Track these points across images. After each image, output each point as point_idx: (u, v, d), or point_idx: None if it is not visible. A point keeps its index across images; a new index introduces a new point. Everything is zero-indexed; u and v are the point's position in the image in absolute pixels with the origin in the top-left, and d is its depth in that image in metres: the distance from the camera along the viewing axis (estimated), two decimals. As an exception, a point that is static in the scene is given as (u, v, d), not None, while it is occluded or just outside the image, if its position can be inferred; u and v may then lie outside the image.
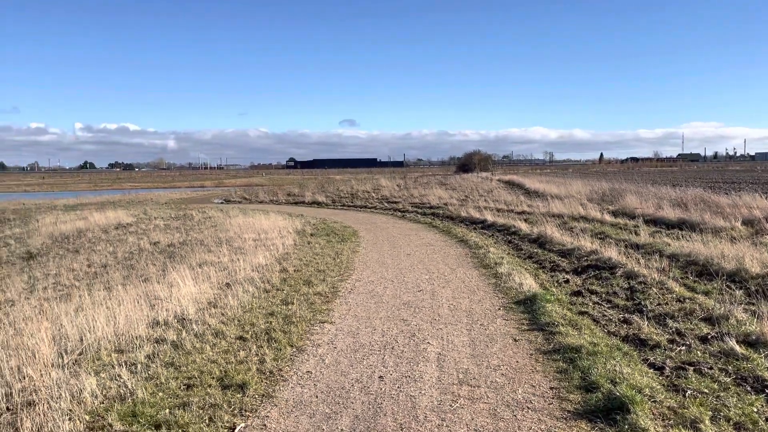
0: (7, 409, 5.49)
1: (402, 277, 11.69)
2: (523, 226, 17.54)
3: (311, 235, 18.55)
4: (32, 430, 4.83)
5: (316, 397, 5.76)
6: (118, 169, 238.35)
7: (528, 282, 10.62)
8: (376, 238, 17.96)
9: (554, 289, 10.29)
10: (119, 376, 6.12)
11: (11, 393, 5.89)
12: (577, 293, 9.91)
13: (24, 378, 6.36)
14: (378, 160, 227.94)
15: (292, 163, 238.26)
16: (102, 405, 5.44)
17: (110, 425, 4.97)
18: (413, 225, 21.67)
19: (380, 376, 6.28)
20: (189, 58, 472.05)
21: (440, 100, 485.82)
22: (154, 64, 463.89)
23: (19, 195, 70.31)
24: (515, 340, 7.49)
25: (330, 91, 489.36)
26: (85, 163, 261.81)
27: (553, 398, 5.67)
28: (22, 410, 5.31)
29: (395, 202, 30.80)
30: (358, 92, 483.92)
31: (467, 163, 73.41)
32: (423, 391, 5.87)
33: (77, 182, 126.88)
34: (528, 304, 9.09)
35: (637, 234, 14.93)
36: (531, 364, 6.60)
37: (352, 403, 5.61)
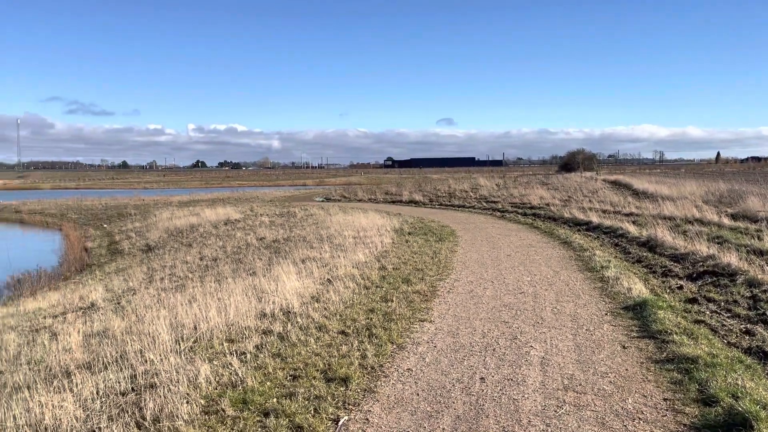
0: (132, 389, 5.93)
1: (502, 279, 11.49)
2: (632, 229, 16.72)
3: (409, 233, 18.65)
4: (154, 410, 5.18)
5: (417, 395, 5.78)
6: (226, 168, 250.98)
7: (637, 287, 10.11)
8: (475, 237, 17.77)
9: (666, 296, 9.73)
10: (230, 364, 6.44)
11: (135, 375, 6.36)
12: (692, 300, 9.31)
13: (146, 362, 6.85)
14: (476, 159, 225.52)
15: (389, 163, 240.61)
16: (215, 391, 5.75)
17: (223, 410, 5.24)
18: (513, 225, 21.24)
19: (482, 378, 6.20)
20: (294, 61, 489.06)
21: (541, 97, 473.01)
22: (260, 67, 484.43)
23: (139, 192, 75.69)
24: (624, 348, 7.15)
25: (427, 90, 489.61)
26: (198, 161, 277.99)
27: (667, 410, 5.36)
28: (145, 391, 5.71)
29: (494, 202, 30.33)
30: (456, 91, 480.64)
31: (570, 163, 70.92)
32: (526, 395, 5.74)
33: (190, 180, 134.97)
34: (637, 311, 8.65)
35: (760, 239, 13.81)
36: (642, 373, 6.28)
37: (454, 402, 5.58)
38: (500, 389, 5.91)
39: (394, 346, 7.23)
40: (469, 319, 8.53)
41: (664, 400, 5.58)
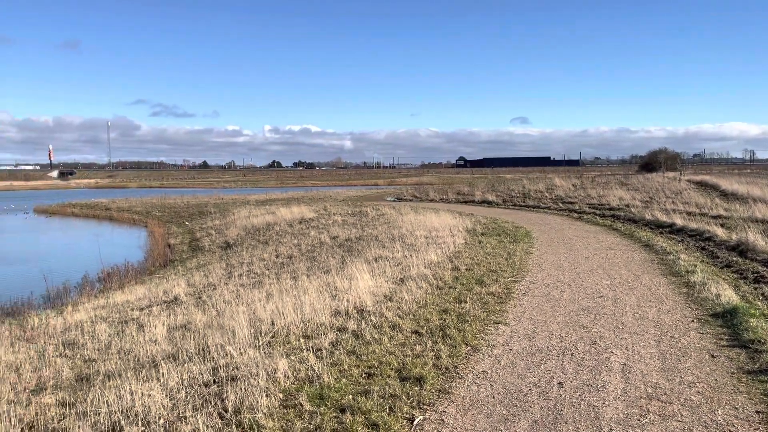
0: (214, 381, 6.15)
1: (580, 282, 11.16)
2: (719, 232, 15.86)
3: (482, 234, 18.44)
4: (236, 402, 5.35)
5: (493, 397, 5.71)
6: (301, 168, 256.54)
7: (727, 293, 9.57)
8: (551, 239, 17.35)
9: (759, 303, 9.17)
10: (307, 359, 6.57)
11: (217, 368, 6.60)
12: (789, 309, 8.72)
13: (226, 355, 7.09)
14: (551, 158, 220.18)
15: (461, 162, 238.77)
16: (293, 385, 5.88)
17: (301, 405, 5.35)
18: (591, 227, 20.60)
19: (559, 383, 6.05)
20: (366, 62, 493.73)
21: (620, 94, 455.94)
22: (333, 69, 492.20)
23: (219, 191, 78.56)
24: (713, 356, 6.78)
25: (501, 88, 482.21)
26: (273, 161, 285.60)
27: (760, 423, 5.05)
28: (227, 384, 5.91)
29: (570, 203, 29.52)
30: (531, 89, 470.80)
31: (651, 162, 68.05)
32: (607, 402, 5.54)
33: (266, 180, 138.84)
34: (727, 318, 8.20)
35: None
36: (732, 384, 5.94)
37: (531, 407, 5.47)
38: (579, 395, 5.74)
39: (469, 348, 7.16)
40: (545, 323, 8.33)
41: (757, 413, 5.26)
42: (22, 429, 5.38)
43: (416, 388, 5.82)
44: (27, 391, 8.16)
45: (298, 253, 20.19)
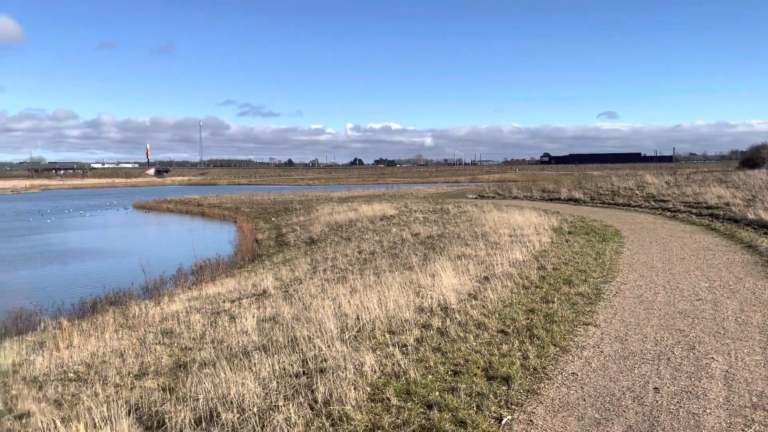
0: (303, 373, 6.32)
1: (675, 284, 10.63)
2: (834, 233, 14.64)
3: (569, 233, 17.92)
4: (325, 393, 5.48)
5: (584, 400, 5.54)
6: (382, 165, 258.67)
7: (843, 299, 8.83)
8: (642, 239, 16.62)
9: None
10: (393, 355, 6.63)
11: (306, 360, 6.78)
12: None
13: (314, 347, 7.27)
14: (642, 154, 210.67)
15: (546, 159, 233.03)
16: (380, 380, 5.95)
17: (388, 399, 5.41)
18: (686, 226, 19.55)
19: (655, 388, 5.79)
20: (447, 58, 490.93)
21: (718, 86, 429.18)
22: (414, 67, 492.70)
23: (303, 188, 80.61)
24: (828, 367, 6.28)
25: (587, 82, 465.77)
26: (355, 159, 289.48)
27: None
28: (315, 375, 6.06)
29: (663, 201, 28.14)
30: (620, 82, 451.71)
31: (753, 158, 63.68)
32: (708, 410, 5.26)
33: (348, 177, 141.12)
34: (844, 326, 7.56)
35: None
36: None
37: (624, 411, 5.27)
38: (677, 401, 5.47)
39: (557, 349, 6.99)
40: (638, 325, 8.00)
41: None
42: (129, 410, 5.75)
43: (504, 388, 5.74)
44: (131, 375, 8.71)
45: (380, 250, 20.37)
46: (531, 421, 5.10)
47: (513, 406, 5.37)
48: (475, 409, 5.24)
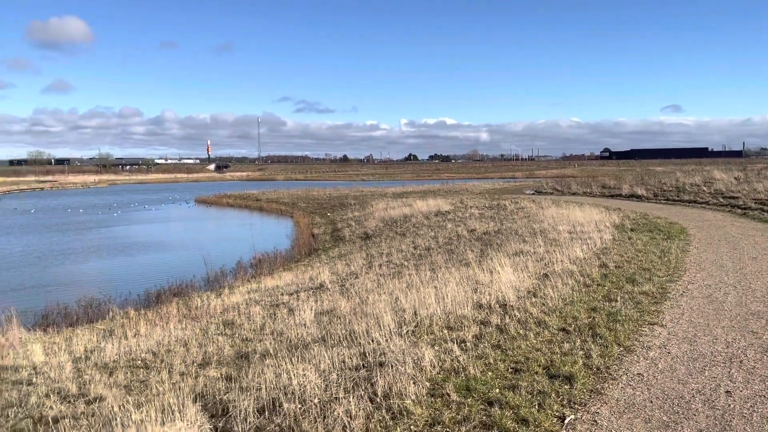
0: (363, 366, 6.37)
1: (747, 284, 10.15)
2: None
3: (631, 230, 17.39)
4: (384, 387, 5.50)
5: (651, 402, 5.37)
6: (436, 161, 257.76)
7: None
8: (710, 237, 15.95)
9: None
10: (451, 350, 6.59)
11: (364, 353, 6.83)
12: None
13: (372, 341, 7.31)
14: (709, 149, 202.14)
15: (606, 154, 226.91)
16: (439, 375, 5.93)
17: (448, 395, 5.39)
18: (758, 224, 18.65)
19: (727, 391, 5.55)
20: (502, 52, 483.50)
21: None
22: (469, 61, 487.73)
23: (358, 183, 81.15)
24: None
25: (650, 75, 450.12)
26: (410, 155, 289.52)
27: None
28: (374, 369, 6.09)
29: (733, 198, 26.93)
30: (685, 75, 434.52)
31: (831, 153, 60.12)
32: (785, 418, 5.00)
33: (403, 173, 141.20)
34: None
35: None
36: None
37: (694, 415, 5.07)
38: (750, 406, 5.23)
39: (622, 349, 6.79)
40: (708, 326, 7.69)
41: None
42: (194, 398, 5.92)
43: (566, 387, 5.62)
44: (195, 364, 8.98)
45: (436, 246, 20.30)
46: (595, 421, 4.98)
47: (576, 406, 5.25)
48: (536, 407, 5.15)
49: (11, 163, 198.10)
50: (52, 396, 8.13)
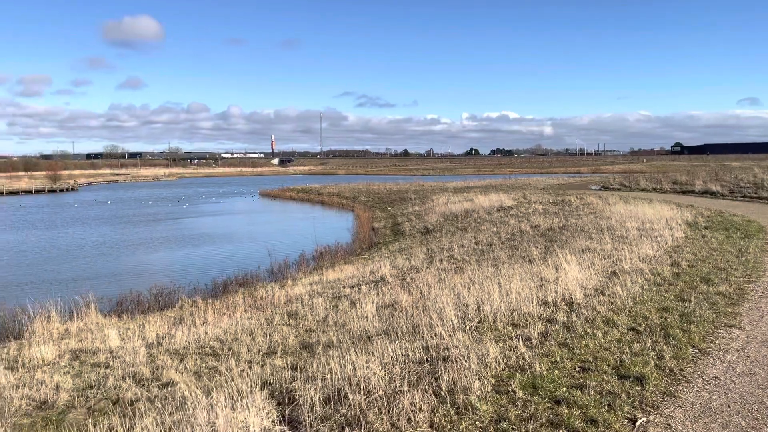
0: (426, 360, 6.36)
1: (834, 286, 9.54)
2: None
3: (705, 228, 16.66)
4: (449, 382, 5.48)
5: (728, 406, 5.13)
6: (498, 155, 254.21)
7: None
8: (793, 236, 15.08)
9: None
10: (516, 347, 6.50)
11: (427, 347, 6.82)
12: None
13: (435, 336, 7.29)
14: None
15: (677, 149, 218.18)
16: (504, 372, 5.85)
17: (513, 392, 5.31)
18: None
19: (813, 400, 5.24)
20: (567, 44, 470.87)
21: None
22: (531, 54, 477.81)
23: (418, 178, 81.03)
24: None
25: (726, 66, 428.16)
26: (471, 149, 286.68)
27: None
28: (438, 363, 6.08)
29: (817, 195, 25.37)
30: (762, 66, 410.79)
31: None
32: None
33: (464, 167, 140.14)
34: None
35: None
36: None
37: (777, 423, 4.82)
38: (840, 417, 4.92)
39: (696, 351, 6.52)
40: (790, 330, 7.27)
41: None
42: (261, 385, 6.07)
43: (637, 388, 5.44)
44: (261, 353, 9.22)
45: (498, 241, 20.05)
46: (669, 425, 4.79)
47: (648, 408, 5.08)
48: (606, 408, 5.01)
49: (88, 156, 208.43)
50: (127, 379, 8.53)
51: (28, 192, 77.20)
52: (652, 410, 5.04)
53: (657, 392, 5.40)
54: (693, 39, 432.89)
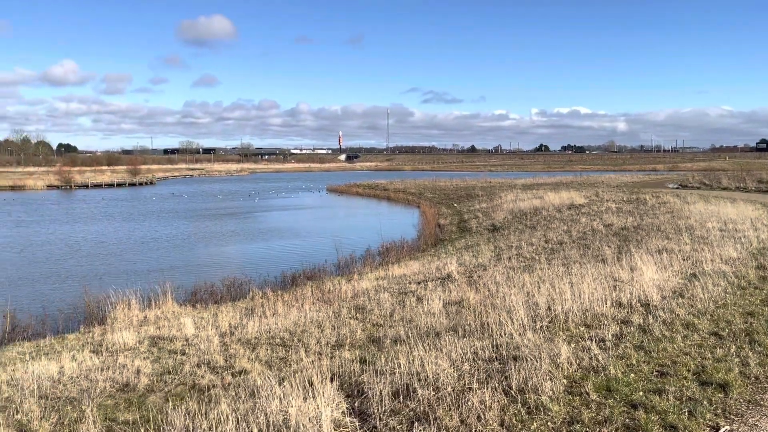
0: (496, 358, 6.29)
1: None
2: None
3: (795, 229, 15.67)
4: (519, 381, 5.40)
5: (822, 420, 4.81)
6: (569, 152, 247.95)
7: None
8: None
9: None
10: (589, 349, 6.32)
11: (497, 345, 6.74)
12: None
13: (504, 334, 7.19)
14: None
15: (763, 145, 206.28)
16: (576, 373, 5.71)
17: (587, 393, 5.17)
18: None
19: None
20: (639, 38, 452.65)
21: None
22: (604, 48, 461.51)
23: (485, 174, 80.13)
24: None
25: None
26: (540, 145, 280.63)
27: None
28: (508, 362, 5.99)
29: None
30: None
31: None
32: None
33: (533, 164, 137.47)
34: None
35: None
36: None
37: None
38: None
39: (785, 359, 6.14)
40: None
41: None
42: (330, 377, 6.17)
43: (719, 395, 5.19)
44: (329, 345, 9.36)
45: (569, 240, 19.55)
46: (755, 435, 4.55)
47: (731, 416, 4.83)
48: (686, 414, 4.80)
49: (165, 152, 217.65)
50: (202, 366, 8.85)
51: (110, 185, 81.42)
52: (735, 418, 4.80)
53: (741, 400, 5.13)
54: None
